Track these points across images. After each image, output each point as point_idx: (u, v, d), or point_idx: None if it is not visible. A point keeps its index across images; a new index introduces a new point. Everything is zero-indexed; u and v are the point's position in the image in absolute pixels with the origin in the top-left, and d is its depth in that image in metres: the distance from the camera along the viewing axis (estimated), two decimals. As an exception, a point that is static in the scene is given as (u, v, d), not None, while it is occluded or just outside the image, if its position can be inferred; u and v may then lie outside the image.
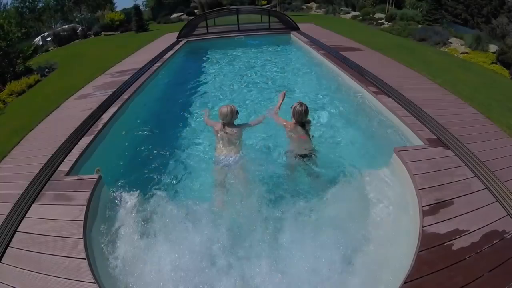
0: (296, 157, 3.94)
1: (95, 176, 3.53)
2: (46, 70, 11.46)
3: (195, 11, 27.12)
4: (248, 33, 12.88)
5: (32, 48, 14.74)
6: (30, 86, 9.51)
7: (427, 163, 3.53)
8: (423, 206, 2.90)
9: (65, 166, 3.92)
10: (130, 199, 3.43)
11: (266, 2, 30.65)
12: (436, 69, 7.96)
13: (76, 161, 4.03)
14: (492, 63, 9.98)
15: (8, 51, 11.16)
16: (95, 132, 4.73)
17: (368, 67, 7.27)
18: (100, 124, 5.03)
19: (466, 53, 11.08)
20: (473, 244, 2.61)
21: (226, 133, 3.97)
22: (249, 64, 9.54)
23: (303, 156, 3.91)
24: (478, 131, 4.48)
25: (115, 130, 5.19)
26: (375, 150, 4.45)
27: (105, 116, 5.33)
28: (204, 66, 9.68)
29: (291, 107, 4.02)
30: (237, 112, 4.06)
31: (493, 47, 11.39)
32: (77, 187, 3.44)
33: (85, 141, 4.50)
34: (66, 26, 24.89)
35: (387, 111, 5.06)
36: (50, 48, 21.35)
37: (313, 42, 10.56)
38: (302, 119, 3.94)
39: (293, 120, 4.01)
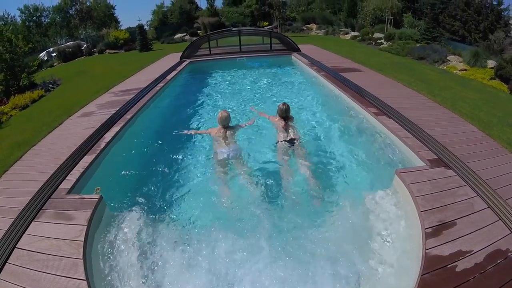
0: (283, 143, 4.86)
1: (96, 196, 3.52)
2: (50, 85, 11.61)
3: (198, 31, 27.65)
4: (250, 54, 13.06)
5: (37, 62, 14.94)
6: (34, 101, 9.66)
7: (429, 184, 3.52)
8: (425, 229, 2.88)
9: (66, 184, 3.92)
10: (131, 220, 3.42)
11: (267, 23, 31.34)
12: (436, 87, 8.04)
13: (78, 180, 4.03)
14: (491, 78, 10.08)
15: (14, 65, 11.36)
16: (97, 151, 4.75)
17: (368, 88, 7.33)
18: (102, 143, 5.05)
19: (465, 69, 11.21)
20: (476, 265, 2.57)
21: (226, 133, 4.85)
22: (251, 85, 9.65)
23: (289, 141, 4.86)
24: (479, 149, 4.49)
25: (117, 149, 5.19)
26: (376, 171, 4.44)
27: (108, 136, 5.34)
28: (206, 87, 9.76)
29: (278, 105, 5.13)
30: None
31: (491, 63, 11.53)
32: (78, 207, 3.43)
33: (87, 159, 4.51)
34: (71, 42, 25.33)
35: (388, 132, 5.08)
36: (55, 64, 21.74)
37: (314, 63, 10.70)
38: (283, 114, 5.03)
39: (277, 116, 5.15)
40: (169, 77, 9.78)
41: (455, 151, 4.27)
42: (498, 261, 2.61)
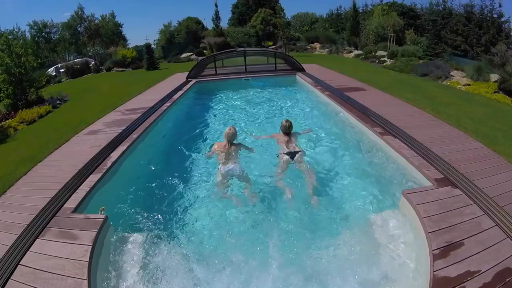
0: (285, 156, 5.10)
1: (102, 216, 3.52)
2: (58, 101, 11.79)
3: (204, 51, 28.15)
4: (255, 74, 13.21)
5: (46, 78, 15.25)
6: (41, 116, 9.77)
7: (435, 204, 3.49)
8: (433, 250, 2.84)
9: (71, 203, 3.93)
10: (136, 241, 3.41)
11: (272, 43, 31.87)
12: (440, 104, 8.06)
13: (83, 198, 4.04)
14: (495, 92, 10.08)
15: (22, 79, 11.59)
16: (104, 171, 4.75)
17: (373, 107, 7.37)
18: (108, 162, 5.06)
19: (468, 84, 11.23)
20: (485, 285, 2.53)
21: (231, 149, 4.96)
22: (256, 105, 9.74)
23: (289, 154, 5.10)
24: (485, 165, 4.46)
25: (123, 169, 5.20)
26: (383, 192, 4.41)
27: (114, 155, 5.36)
28: (212, 107, 9.87)
29: (281, 122, 5.51)
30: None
31: (494, 76, 11.55)
32: (83, 226, 3.42)
33: (93, 178, 4.52)
34: (79, 59, 25.90)
35: (394, 152, 5.07)
36: (62, 80, 22.07)
37: (318, 83, 10.79)
38: (286, 130, 5.40)
39: (281, 132, 5.50)
40: (175, 96, 9.88)
41: (462, 169, 4.26)
42: (507, 280, 2.56)
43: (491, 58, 14.36)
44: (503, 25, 23.23)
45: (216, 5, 31.01)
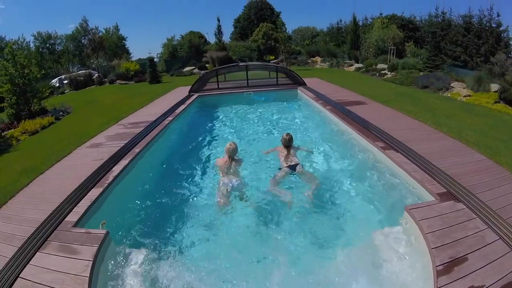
0: (286, 169, 5.30)
1: (103, 231, 3.50)
2: (61, 113, 11.89)
3: (207, 65, 28.50)
4: (257, 88, 13.31)
5: (49, 89, 15.30)
6: (43, 127, 9.83)
7: (439, 219, 3.48)
8: (437, 266, 2.81)
9: (73, 216, 3.91)
10: (137, 256, 3.38)
11: (273, 57, 32.24)
12: (441, 116, 8.10)
13: (85, 213, 4.01)
14: (495, 102, 10.12)
15: (26, 90, 11.70)
16: (105, 185, 4.74)
17: (374, 121, 7.38)
18: (110, 176, 5.04)
19: (469, 95, 11.28)
20: (489, 299, 2.49)
21: (231, 164, 5.13)
22: (258, 120, 9.79)
23: (291, 167, 5.30)
24: (488, 178, 4.46)
25: (125, 183, 5.18)
26: (385, 208, 4.38)
27: (116, 169, 5.34)
28: (215, 121, 9.90)
29: (282, 135, 5.71)
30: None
31: (494, 86, 11.59)
32: (84, 241, 3.40)
33: (94, 192, 4.51)
34: (83, 71, 26.20)
35: (396, 166, 5.04)
36: (66, 91, 22.36)
37: (320, 97, 10.84)
38: (286, 143, 5.58)
39: (282, 145, 5.68)
40: (178, 110, 9.92)
41: (464, 182, 4.25)
42: (511, 293, 2.53)
43: (491, 68, 14.44)
44: (502, 34, 23.40)
45: (218, 20, 31.67)
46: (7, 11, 61.67)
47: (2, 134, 8.99)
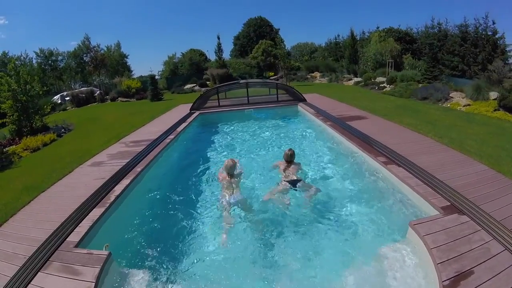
0: (286, 184, 5.35)
1: (105, 252, 3.47)
2: (63, 130, 11.94)
3: (207, 82, 28.83)
4: (258, 105, 13.39)
5: (51, 106, 15.36)
6: (45, 144, 9.85)
7: (443, 233, 3.47)
8: (443, 281, 2.80)
9: (74, 237, 3.89)
10: (141, 278, 3.36)
11: (273, 73, 32.62)
12: (442, 127, 8.13)
13: (86, 233, 3.99)
14: (495, 110, 10.17)
15: (28, 106, 11.75)
16: (107, 205, 4.71)
17: (375, 135, 7.38)
18: (112, 196, 5.01)
19: (468, 104, 11.35)
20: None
21: (231, 181, 5.25)
22: (259, 136, 9.82)
23: (290, 182, 5.35)
24: (491, 188, 4.46)
25: (127, 203, 5.16)
26: (390, 224, 4.35)
27: (118, 188, 5.31)
28: (216, 138, 9.91)
29: (284, 151, 5.88)
30: (236, 163, 5.53)
31: (493, 94, 11.65)
32: (86, 262, 3.37)
33: (96, 212, 4.49)
34: (85, 88, 26.46)
35: (399, 181, 5.03)
36: (68, 108, 22.56)
37: (320, 113, 10.88)
38: (288, 159, 5.74)
39: (283, 160, 5.83)
40: (179, 128, 9.94)
41: (467, 194, 4.26)
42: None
43: (489, 76, 14.56)
44: (498, 42, 23.59)
45: (218, 37, 32.14)
46: (11, 27, 63.04)
47: (4, 150, 8.97)
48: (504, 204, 4.01)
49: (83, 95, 23.67)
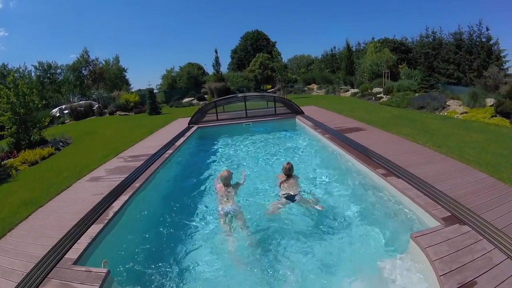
0: (283, 197, 5.42)
1: (104, 270, 3.42)
2: (61, 143, 11.86)
3: (205, 96, 29.01)
4: (256, 119, 13.40)
5: (49, 119, 15.31)
6: (43, 158, 9.78)
7: (445, 245, 3.44)
8: None
9: (73, 253, 3.85)
10: None
11: (270, 86, 32.85)
12: (440, 136, 8.16)
13: (85, 250, 3.94)
14: (492, 116, 10.23)
15: (26, 119, 11.71)
16: (105, 221, 4.66)
17: (374, 147, 7.36)
18: (110, 212, 4.96)
19: (465, 112, 11.43)
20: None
21: (227, 191, 5.39)
22: (258, 150, 9.83)
23: (289, 196, 5.39)
24: (491, 196, 4.47)
25: (126, 219, 5.10)
26: (391, 237, 4.33)
27: (116, 204, 5.26)
28: (214, 152, 9.91)
29: (283, 165, 5.94)
30: (232, 173, 5.70)
31: (490, 100, 11.77)
32: (85, 280, 3.31)
33: (94, 229, 4.43)
34: (83, 102, 26.57)
35: (399, 193, 4.99)
36: (66, 121, 22.63)
37: (318, 125, 10.86)
38: (287, 172, 5.80)
39: (282, 173, 5.89)
40: (178, 143, 9.89)
41: (468, 203, 4.25)
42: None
43: (485, 82, 14.70)
44: (493, 48, 23.89)
45: (216, 51, 32.41)
46: (10, 39, 63.67)
47: (2, 163, 8.93)
48: (505, 212, 4.00)
49: (82, 109, 23.77)
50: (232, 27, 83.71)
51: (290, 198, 5.37)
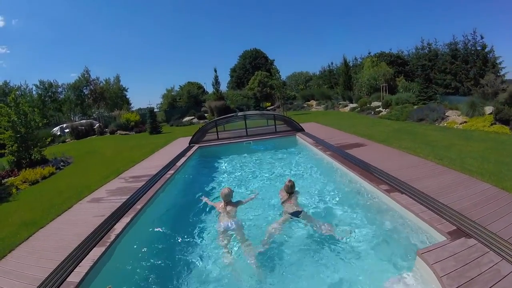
0: (288, 215, 5.41)
1: None
2: (61, 163, 11.82)
3: (206, 114, 29.24)
4: (256, 137, 13.35)
5: (50, 138, 15.31)
6: (44, 177, 9.75)
7: (452, 260, 3.40)
8: None
9: (75, 277, 3.79)
10: None
11: (269, 104, 33.10)
12: (440, 148, 8.16)
13: (87, 273, 3.89)
14: (492, 124, 10.29)
15: (27, 138, 11.69)
16: (107, 244, 4.61)
17: (376, 163, 7.30)
18: (112, 235, 4.91)
19: (465, 122, 11.49)
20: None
21: (227, 208, 5.49)
22: (259, 168, 9.79)
23: (293, 214, 5.40)
24: (496, 206, 4.45)
25: (128, 241, 5.05)
26: (397, 254, 4.25)
27: (118, 227, 5.20)
28: (216, 172, 9.87)
29: (284, 182, 5.91)
30: (233, 191, 5.81)
31: (488, 109, 11.82)
32: None
33: (96, 252, 4.38)
34: (84, 121, 26.80)
35: (403, 209, 4.95)
36: (67, 140, 22.72)
37: (319, 142, 10.81)
38: (289, 190, 5.78)
39: (283, 191, 5.90)
40: (179, 163, 9.85)
41: (473, 215, 4.23)
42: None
43: (483, 90, 14.80)
44: (488, 55, 24.12)
45: (215, 70, 32.75)
46: (12, 56, 64.77)
47: (2, 181, 8.92)
48: (511, 222, 3.98)
49: (83, 128, 23.95)
50: (231, 46, 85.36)
51: (294, 214, 5.41)
